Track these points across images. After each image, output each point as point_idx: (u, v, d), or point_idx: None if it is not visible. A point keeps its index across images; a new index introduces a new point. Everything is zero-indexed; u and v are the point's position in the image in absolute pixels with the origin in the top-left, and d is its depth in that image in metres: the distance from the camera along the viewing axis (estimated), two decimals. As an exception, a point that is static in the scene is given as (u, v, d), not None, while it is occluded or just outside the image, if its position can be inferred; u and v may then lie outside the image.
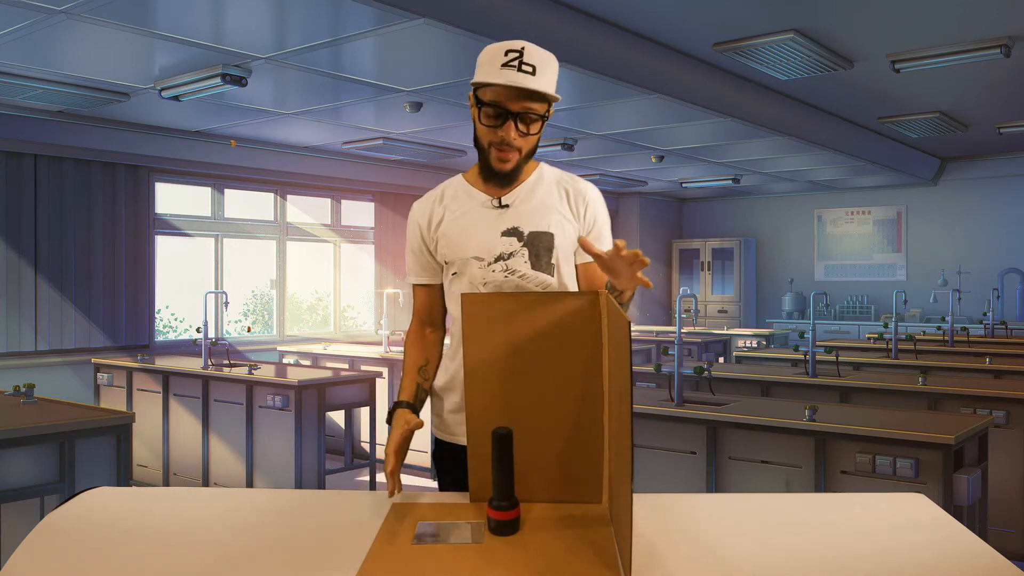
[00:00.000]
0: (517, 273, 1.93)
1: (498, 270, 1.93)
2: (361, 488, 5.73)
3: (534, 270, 1.94)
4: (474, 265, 1.95)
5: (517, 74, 1.81)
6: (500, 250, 1.94)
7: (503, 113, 1.85)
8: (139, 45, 4.54)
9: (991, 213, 10.08)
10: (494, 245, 1.94)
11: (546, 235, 1.94)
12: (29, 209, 6.34)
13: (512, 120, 1.85)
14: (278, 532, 1.45)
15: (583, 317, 1.53)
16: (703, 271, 11.88)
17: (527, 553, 1.29)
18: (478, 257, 1.94)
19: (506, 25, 4.30)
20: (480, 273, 1.94)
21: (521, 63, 1.82)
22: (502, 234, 1.94)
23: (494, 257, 1.94)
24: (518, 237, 1.94)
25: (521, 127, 1.86)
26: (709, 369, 4.07)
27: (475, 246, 1.95)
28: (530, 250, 1.94)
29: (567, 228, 1.97)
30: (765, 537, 1.39)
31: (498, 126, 1.86)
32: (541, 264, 1.94)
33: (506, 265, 1.94)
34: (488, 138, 1.89)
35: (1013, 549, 4.06)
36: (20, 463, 3.28)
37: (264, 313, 9.35)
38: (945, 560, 1.27)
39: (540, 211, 1.96)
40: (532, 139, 1.90)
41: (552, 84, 1.86)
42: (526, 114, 1.85)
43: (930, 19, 4.77)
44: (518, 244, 1.94)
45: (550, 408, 1.55)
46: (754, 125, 6.67)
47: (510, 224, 1.95)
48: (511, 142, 1.86)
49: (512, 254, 1.94)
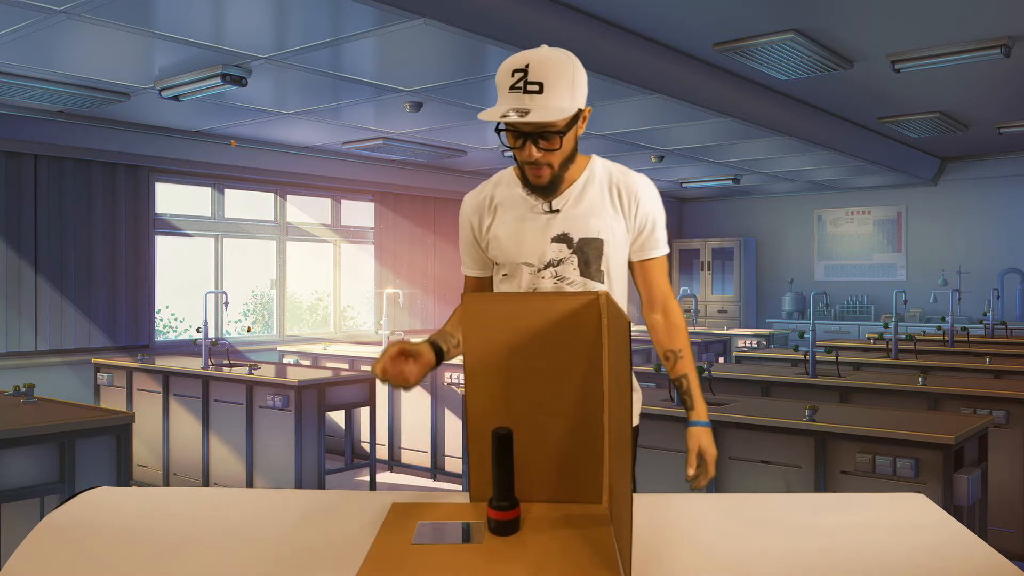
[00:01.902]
0: (567, 280, 1.94)
1: (547, 276, 1.95)
2: (361, 488, 5.73)
3: (583, 277, 1.94)
4: (525, 271, 1.96)
5: (522, 96, 1.78)
6: (550, 257, 1.95)
7: (521, 135, 1.85)
8: (139, 45, 4.54)
9: (991, 213, 10.07)
10: (545, 252, 1.95)
11: (596, 241, 1.94)
12: (29, 209, 6.34)
13: (530, 141, 1.84)
14: (278, 532, 1.45)
15: (583, 317, 1.53)
16: (703, 271, 11.88)
17: (527, 553, 1.29)
18: (528, 263, 1.95)
19: (506, 25, 4.30)
20: (530, 279, 1.96)
21: (527, 84, 1.78)
22: (552, 240, 1.95)
23: (544, 264, 1.95)
24: (568, 244, 1.95)
25: (543, 144, 1.85)
26: (709, 369, 4.07)
27: (526, 252, 1.95)
28: (579, 257, 1.94)
29: (617, 230, 1.97)
30: (765, 537, 1.39)
31: (520, 147, 1.86)
32: (591, 271, 1.95)
33: (556, 272, 1.95)
34: (518, 156, 1.90)
35: (1013, 549, 4.06)
36: (20, 463, 3.28)
37: (264, 313, 9.35)
38: (945, 560, 1.27)
39: (590, 216, 1.95)
40: (560, 153, 1.88)
41: (566, 96, 1.81)
42: (543, 133, 1.83)
43: (930, 19, 4.77)
44: (568, 251, 1.94)
45: (550, 408, 1.55)
46: (754, 125, 6.67)
47: (560, 230, 1.95)
48: (536, 161, 1.86)
49: (562, 261, 1.95)
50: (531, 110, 1.77)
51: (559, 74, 1.80)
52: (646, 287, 2.06)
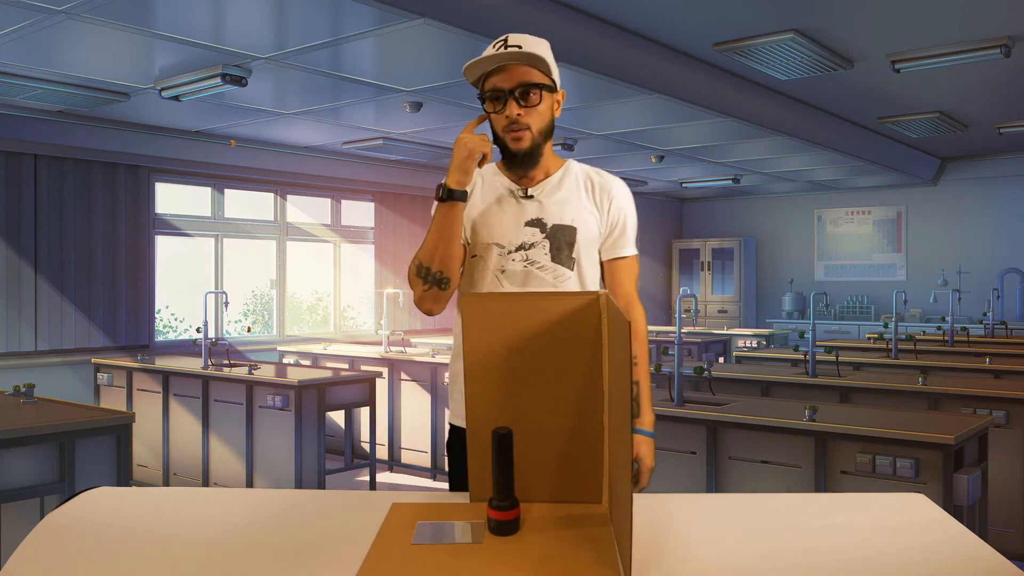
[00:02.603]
0: (536, 264, 1.95)
1: (518, 259, 1.95)
2: (361, 488, 5.72)
3: (554, 262, 1.95)
4: (495, 251, 1.97)
5: (503, 52, 1.88)
6: (522, 240, 1.96)
7: (502, 95, 1.90)
8: (139, 45, 4.54)
9: (991, 213, 10.08)
10: (517, 235, 1.96)
11: (569, 229, 1.96)
12: (29, 209, 6.34)
13: (512, 98, 1.90)
14: (278, 532, 1.45)
15: (583, 317, 1.53)
16: (703, 271, 11.88)
17: (527, 553, 1.29)
18: (499, 244, 1.96)
19: (506, 25, 4.30)
20: (499, 260, 1.96)
21: (507, 45, 1.89)
22: (526, 224, 1.96)
23: (515, 247, 1.96)
24: (541, 228, 1.96)
25: (521, 101, 1.90)
26: (709, 369, 4.07)
27: (498, 233, 1.97)
28: (552, 242, 1.96)
29: (590, 222, 1.99)
30: (765, 537, 1.39)
31: (501, 109, 1.91)
32: (561, 257, 1.96)
33: (526, 255, 1.95)
34: (499, 124, 1.94)
35: (1013, 549, 4.06)
36: (20, 463, 3.28)
37: (264, 313, 9.35)
38: (945, 560, 1.27)
39: (565, 204, 1.98)
40: (540, 114, 1.93)
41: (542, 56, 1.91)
42: (523, 89, 1.90)
43: (930, 19, 4.77)
44: (540, 236, 1.96)
45: (550, 408, 1.55)
46: (754, 125, 6.67)
47: (534, 215, 1.97)
48: (517, 119, 1.90)
49: (533, 245, 1.96)
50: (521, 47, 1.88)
51: (537, 44, 1.92)
52: (612, 289, 2.07)
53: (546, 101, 1.94)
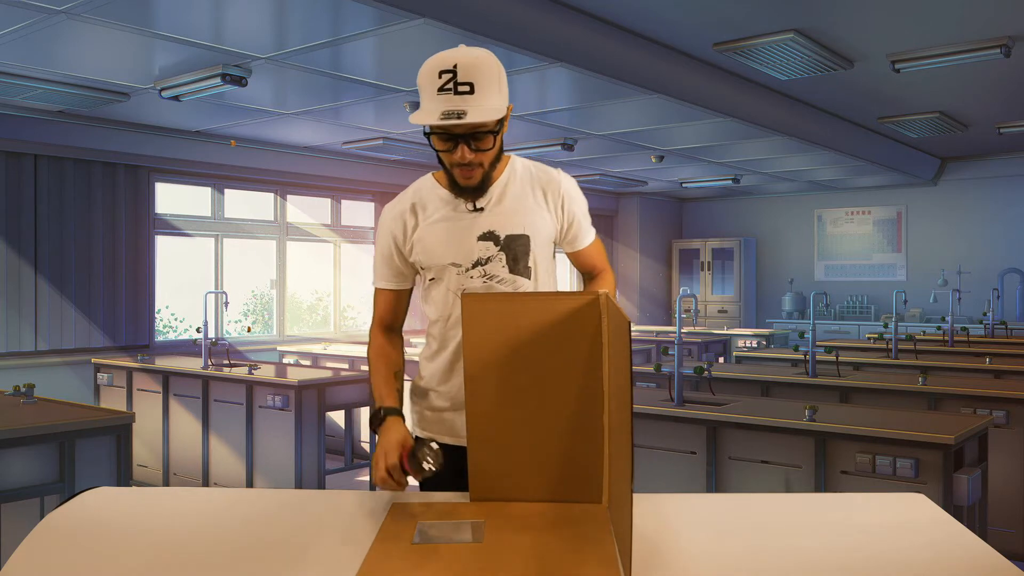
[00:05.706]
0: (496, 278, 1.92)
1: (476, 276, 1.92)
2: (361, 488, 5.72)
3: (512, 274, 1.93)
4: (452, 272, 1.93)
5: (454, 98, 1.75)
6: (478, 255, 1.92)
7: (452, 137, 1.81)
8: (139, 45, 4.54)
9: (991, 213, 10.08)
10: (472, 251, 1.92)
11: (522, 238, 1.93)
12: (29, 209, 6.34)
13: (462, 142, 1.81)
14: (278, 532, 1.45)
15: (583, 317, 1.53)
16: (703, 271, 11.88)
17: (527, 553, 1.29)
18: (456, 263, 1.93)
19: (506, 25, 4.30)
20: (458, 279, 1.93)
21: (457, 85, 1.75)
22: (479, 239, 1.92)
23: (471, 263, 1.92)
24: (495, 241, 1.92)
25: (476, 145, 1.82)
26: (709, 369, 4.07)
27: (452, 252, 1.92)
28: (507, 254, 1.93)
29: (542, 227, 1.96)
30: (765, 537, 1.39)
31: (450, 150, 1.83)
32: (519, 268, 1.93)
33: (484, 271, 1.92)
34: (447, 159, 1.86)
35: (1013, 549, 4.06)
36: (20, 463, 3.28)
37: (264, 313, 9.35)
38: (945, 560, 1.27)
39: (515, 213, 1.93)
40: (490, 152, 1.86)
41: (496, 95, 1.79)
42: (475, 134, 1.81)
43: (930, 19, 4.77)
44: (495, 248, 1.92)
45: (550, 408, 1.55)
46: (754, 125, 6.67)
47: (486, 228, 1.93)
48: (470, 162, 1.83)
49: (490, 259, 1.92)
50: (467, 111, 1.75)
51: (487, 74, 1.78)
52: (583, 265, 2.10)
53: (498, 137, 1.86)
